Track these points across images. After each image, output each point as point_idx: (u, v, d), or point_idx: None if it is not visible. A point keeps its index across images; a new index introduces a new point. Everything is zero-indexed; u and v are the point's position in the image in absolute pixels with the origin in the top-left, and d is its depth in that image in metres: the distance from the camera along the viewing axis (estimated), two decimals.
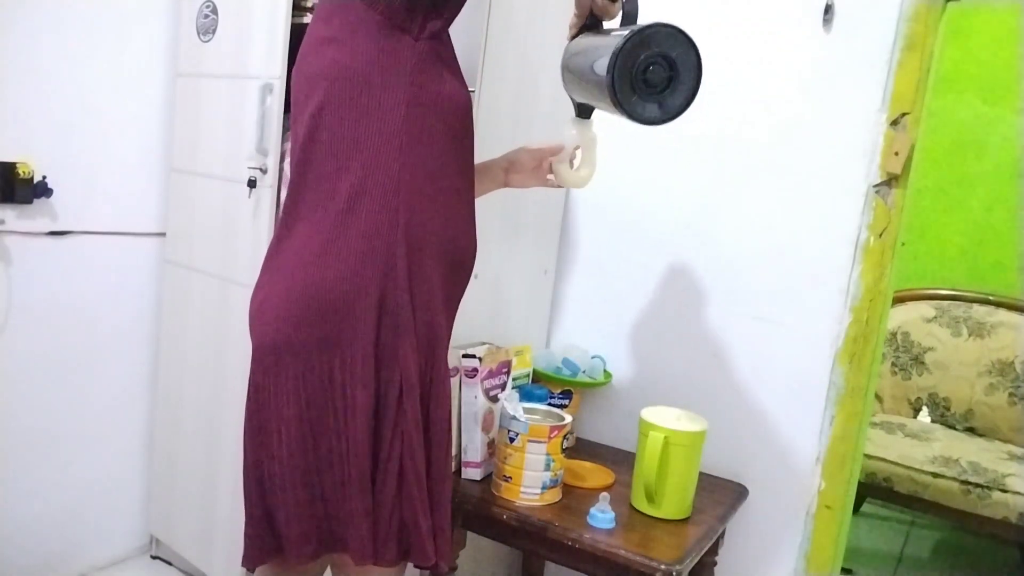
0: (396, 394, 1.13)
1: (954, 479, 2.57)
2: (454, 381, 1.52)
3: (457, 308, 1.25)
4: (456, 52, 1.25)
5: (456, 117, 1.19)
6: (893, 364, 3.13)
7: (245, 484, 1.20)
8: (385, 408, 1.14)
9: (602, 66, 1.09)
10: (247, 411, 1.19)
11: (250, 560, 1.21)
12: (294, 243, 1.15)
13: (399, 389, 1.13)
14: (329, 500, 1.15)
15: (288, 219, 1.18)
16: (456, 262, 1.22)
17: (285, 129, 1.88)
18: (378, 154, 1.11)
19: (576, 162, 1.34)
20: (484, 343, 1.69)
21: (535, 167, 1.38)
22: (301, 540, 1.16)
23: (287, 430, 1.13)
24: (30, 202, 1.87)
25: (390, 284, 1.12)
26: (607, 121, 1.27)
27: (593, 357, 1.84)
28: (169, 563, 2.25)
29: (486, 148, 1.44)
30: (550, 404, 1.63)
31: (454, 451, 1.53)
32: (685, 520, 1.47)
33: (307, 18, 1.86)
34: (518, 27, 1.68)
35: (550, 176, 1.37)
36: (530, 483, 1.43)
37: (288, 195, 1.20)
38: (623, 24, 1.18)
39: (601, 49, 1.11)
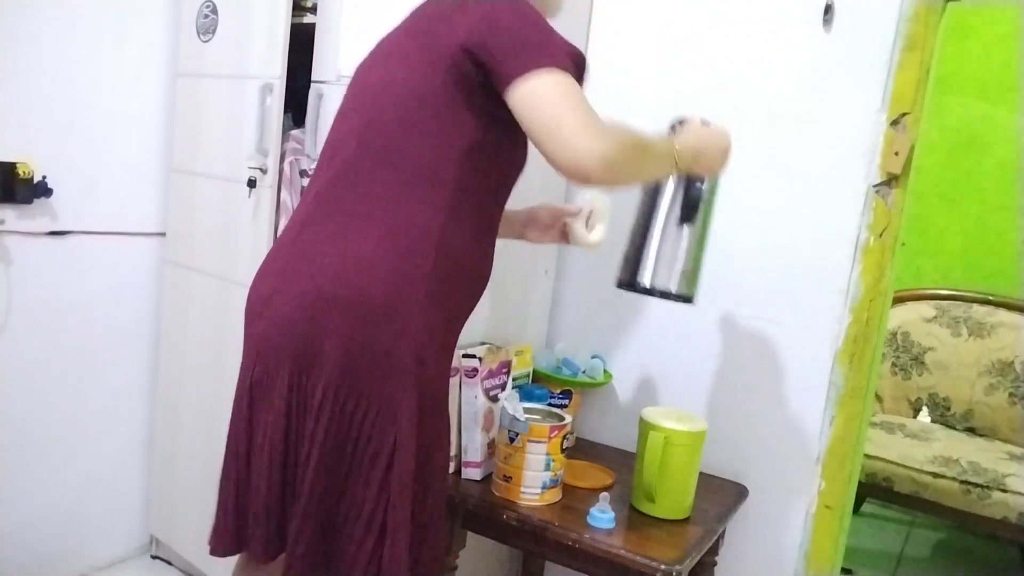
0: (389, 450, 1.13)
1: (954, 479, 2.57)
2: (454, 381, 1.52)
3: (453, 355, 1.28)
4: None
5: (510, 175, 1.24)
6: (893, 364, 3.13)
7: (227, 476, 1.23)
8: (368, 453, 1.14)
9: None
10: (243, 405, 1.21)
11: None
12: (330, 241, 1.14)
13: (392, 446, 1.12)
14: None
15: (319, 211, 1.17)
16: (467, 309, 1.25)
17: (285, 129, 1.88)
18: (433, 183, 1.13)
19: (590, 223, 1.44)
20: (484, 343, 1.69)
21: (551, 225, 1.47)
22: (265, 540, 1.19)
23: (272, 433, 1.16)
24: (30, 202, 1.87)
25: (413, 328, 1.12)
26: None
27: (593, 357, 1.84)
28: (169, 563, 2.25)
29: None
30: (550, 404, 1.63)
31: (454, 451, 1.53)
32: (685, 520, 1.47)
33: (307, 18, 1.86)
34: None
35: (565, 234, 1.46)
36: (530, 483, 1.43)
37: (321, 184, 1.19)
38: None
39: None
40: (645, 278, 1.36)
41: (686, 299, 1.39)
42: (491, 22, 1.09)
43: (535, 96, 1.05)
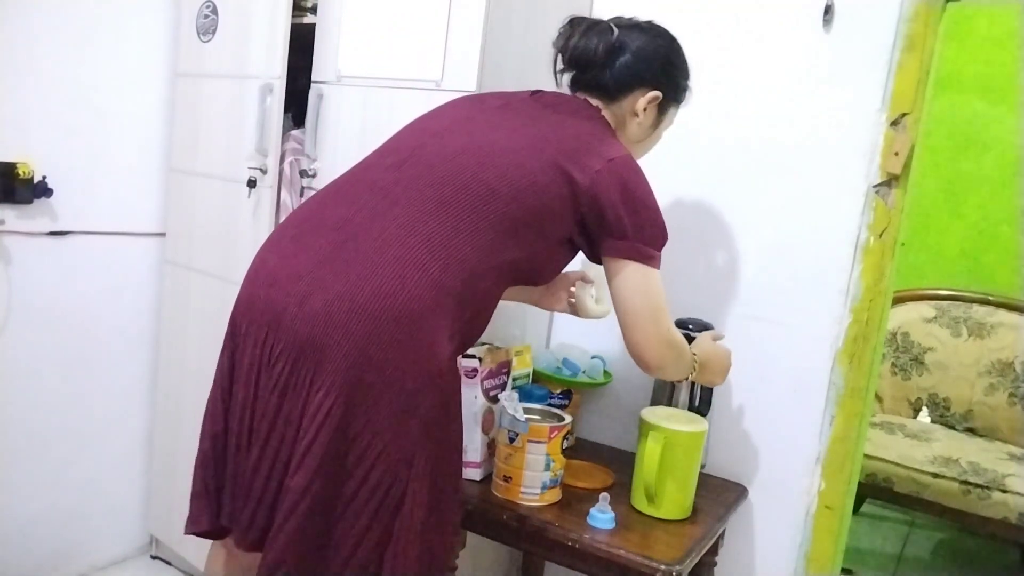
0: (399, 493, 1.11)
1: (954, 479, 2.57)
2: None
3: None
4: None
5: (554, 274, 1.39)
6: (893, 364, 3.13)
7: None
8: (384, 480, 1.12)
9: None
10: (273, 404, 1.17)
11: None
12: (392, 258, 1.12)
13: (405, 485, 1.12)
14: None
15: (388, 219, 1.16)
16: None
17: (285, 129, 1.88)
18: (500, 267, 1.20)
19: (596, 295, 1.52)
20: (484, 343, 1.68)
21: (559, 291, 1.54)
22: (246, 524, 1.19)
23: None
24: (30, 202, 1.87)
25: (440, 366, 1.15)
26: None
27: (593, 357, 1.84)
28: (169, 563, 2.25)
29: None
30: (550, 404, 1.63)
31: None
32: (685, 520, 1.47)
33: (307, 18, 1.86)
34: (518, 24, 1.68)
35: (572, 300, 1.52)
36: (530, 483, 1.43)
37: (390, 186, 1.20)
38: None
39: None
40: None
41: None
42: (632, 192, 1.23)
43: (641, 283, 1.25)
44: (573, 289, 1.52)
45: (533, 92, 1.35)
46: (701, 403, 1.63)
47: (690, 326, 1.61)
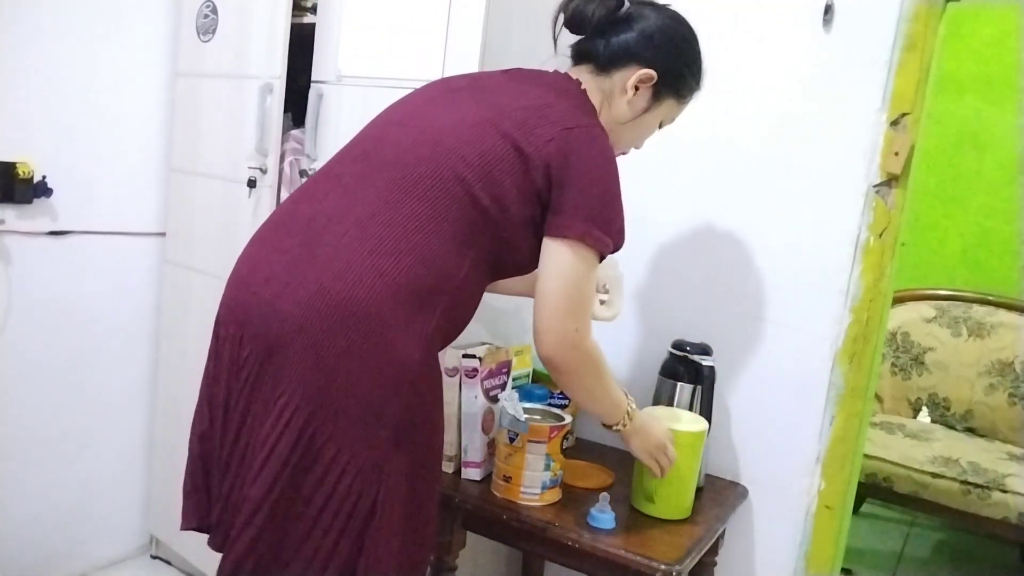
0: (369, 504, 1.08)
1: (954, 479, 2.57)
2: (454, 381, 1.52)
3: None
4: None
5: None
6: (893, 364, 3.13)
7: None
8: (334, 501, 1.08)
9: None
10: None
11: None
12: (360, 254, 1.08)
13: (375, 496, 1.08)
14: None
15: (348, 211, 1.12)
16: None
17: (285, 129, 1.88)
18: (467, 244, 1.14)
19: (604, 298, 1.49)
20: (484, 343, 1.68)
21: None
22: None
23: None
24: (30, 202, 1.87)
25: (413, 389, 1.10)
26: None
27: None
28: (169, 563, 2.25)
29: None
30: (550, 404, 1.63)
31: (454, 451, 1.53)
32: (685, 520, 1.47)
33: (307, 18, 1.86)
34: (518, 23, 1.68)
35: None
36: (530, 483, 1.43)
37: (354, 182, 1.16)
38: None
39: None
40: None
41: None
42: (583, 165, 1.13)
43: (566, 267, 1.14)
44: None
45: (508, 70, 1.29)
46: (702, 412, 1.60)
47: (688, 348, 1.61)
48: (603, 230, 1.15)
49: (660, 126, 1.37)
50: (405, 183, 1.12)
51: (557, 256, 1.14)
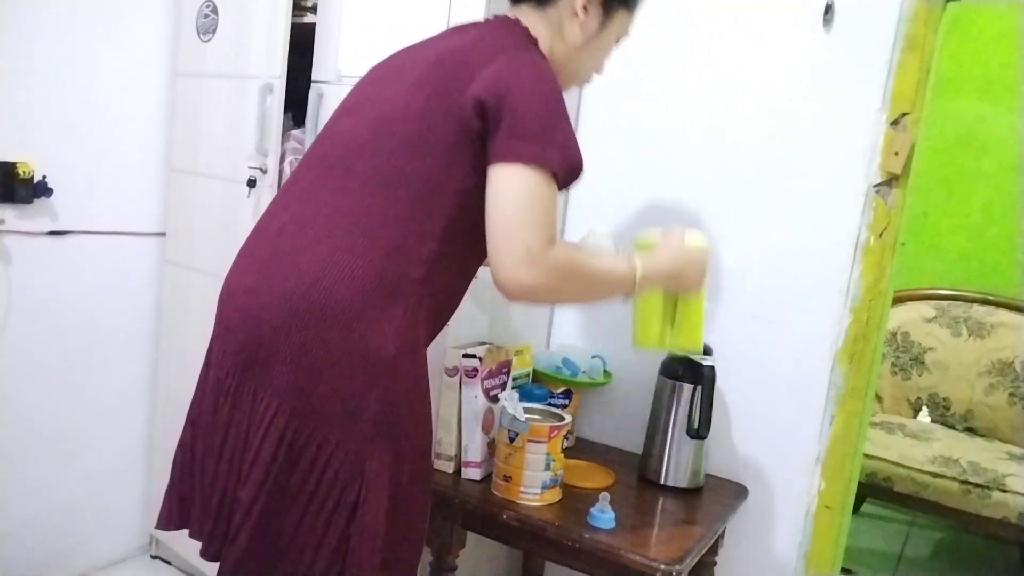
0: (352, 499, 1.09)
1: (954, 479, 2.57)
2: (454, 381, 1.52)
3: None
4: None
5: None
6: (893, 364, 3.13)
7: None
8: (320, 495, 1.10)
9: None
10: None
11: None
12: (319, 252, 1.09)
13: (358, 491, 1.09)
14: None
15: (309, 210, 1.13)
16: (434, 336, 1.23)
17: (285, 129, 1.88)
18: (427, 217, 1.11)
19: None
20: (484, 343, 1.69)
21: None
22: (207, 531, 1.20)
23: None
24: (30, 202, 1.87)
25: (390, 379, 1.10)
26: (610, 125, 1.27)
27: (593, 357, 1.84)
28: (169, 563, 2.25)
29: None
30: (550, 404, 1.63)
31: (454, 451, 1.53)
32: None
33: (307, 18, 1.86)
34: None
35: None
36: (530, 483, 1.43)
37: (315, 180, 1.16)
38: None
39: None
40: (660, 479, 1.64)
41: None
42: (511, 89, 1.07)
43: (507, 190, 1.05)
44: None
45: (452, 27, 1.27)
46: (700, 425, 1.59)
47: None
48: (552, 149, 1.06)
49: (616, 42, 1.31)
50: (358, 177, 1.12)
51: (496, 181, 1.06)
